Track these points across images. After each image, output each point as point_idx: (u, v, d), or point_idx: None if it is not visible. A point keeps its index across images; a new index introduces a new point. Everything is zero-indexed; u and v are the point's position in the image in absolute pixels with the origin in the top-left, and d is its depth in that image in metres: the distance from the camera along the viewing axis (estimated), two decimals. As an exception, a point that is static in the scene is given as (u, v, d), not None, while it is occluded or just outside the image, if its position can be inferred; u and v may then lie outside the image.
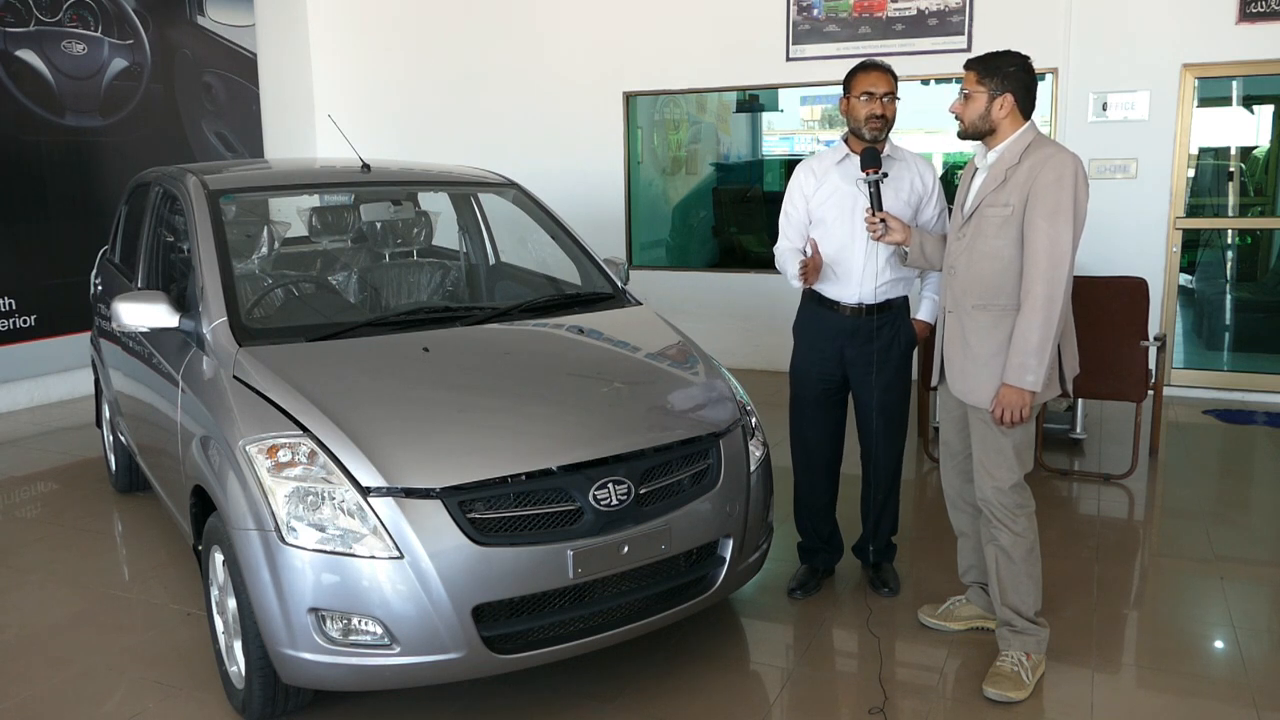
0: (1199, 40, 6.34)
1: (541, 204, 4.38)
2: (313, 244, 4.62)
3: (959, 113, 3.08)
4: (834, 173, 3.50)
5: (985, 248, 3.03)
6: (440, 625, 2.60)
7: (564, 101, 8.20)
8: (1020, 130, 3.02)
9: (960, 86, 3.08)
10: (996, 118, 3.01)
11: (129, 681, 3.21)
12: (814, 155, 3.62)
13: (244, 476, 2.73)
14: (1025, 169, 2.96)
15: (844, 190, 3.47)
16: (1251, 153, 7.59)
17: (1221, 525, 4.47)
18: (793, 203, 3.60)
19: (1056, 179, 2.89)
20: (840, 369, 3.58)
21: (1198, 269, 7.84)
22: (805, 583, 3.76)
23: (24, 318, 6.71)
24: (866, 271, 3.46)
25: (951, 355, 3.17)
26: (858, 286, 3.48)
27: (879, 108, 3.38)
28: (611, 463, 2.85)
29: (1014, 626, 3.14)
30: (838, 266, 3.49)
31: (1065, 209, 2.88)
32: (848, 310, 3.51)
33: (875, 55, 7.10)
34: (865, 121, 3.40)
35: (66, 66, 6.91)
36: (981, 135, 3.06)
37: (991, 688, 3.05)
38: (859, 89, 3.42)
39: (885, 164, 3.40)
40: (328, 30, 9.09)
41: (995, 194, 3.01)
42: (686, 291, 7.83)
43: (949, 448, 3.35)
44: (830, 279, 3.51)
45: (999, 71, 3.00)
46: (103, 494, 5.05)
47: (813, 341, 3.61)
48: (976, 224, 3.06)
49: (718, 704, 3.04)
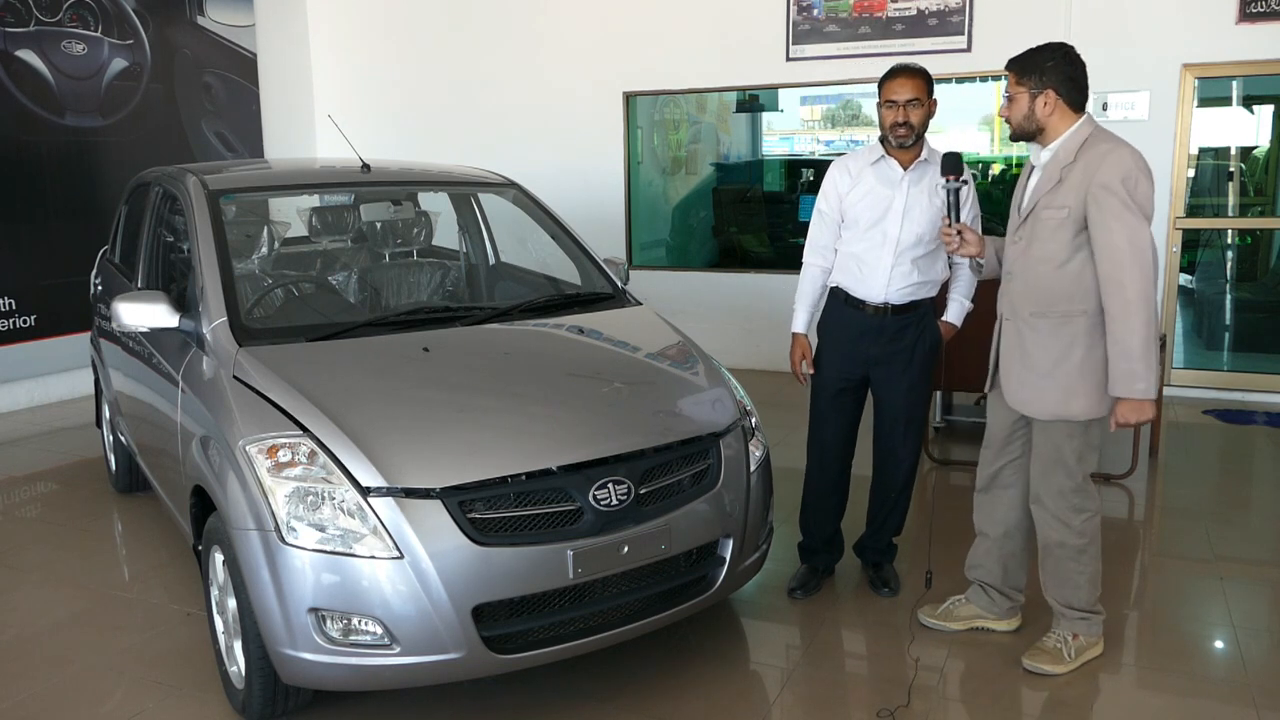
0: (1199, 40, 6.34)
1: (541, 204, 4.38)
2: (313, 244, 4.62)
3: (1003, 114, 2.98)
4: (869, 173, 3.46)
5: (1041, 251, 2.93)
6: (440, 625, 2.60)
7: (564, 101, 8.20)
8: (1074, 126, 2.89)
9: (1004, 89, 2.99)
10: (1042, 116, 2.90)
11: (129, 681, 3.21)
12: (849, 154, 3.59)
13: (244, 476, 2.73)
14: (1080, 168, 2.84)
15: (879, 192, 3.44)
16: (1251, 153, 7.59)
17: (1221, 525, 4.47)
18: (827, 201, 3.57)
19: (1118, 177, 2.78)
20: (862, 368, 3.57)
21: (1198, 269, 7.84)
22: (806, 582, 3.75)
23: (24, 318, 6.71)
24: (895, 273, 3.44)
25: (1008, 365, 3.08)
26: (885, 287, 3.46)
27: (901, 115, 3.33)
28: (611, 463, 2.85)
29: (1065, 614, 3.17)
30: (865, 267, 3.48)
31: (1134, 204, 2.77)
32: (873, 310, 3.49)
33: (875, 56, 7.22)
34: (890, 129, 3.37)
35: (66, 66, 6.91)
36: (1032, 136, 2.96)
37: (1029, 659, 3.11)
38: (883, 96, 3.39)
39: (920, 167, 3.39)
40: (328, 30, 9.09)
41: (1051, 195, 2.90)
42: (686, 291, 7.83)
43: (993, 447, 3.26)
44: (856, 276, 3.50)
45: (1036, 68, 2.88)
46: (103, 494, 5.05)
47: (837, 340, 3.60)
48: (1032, 227, 2.97)
49: (718, 704, 3.04)
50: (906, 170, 3.42)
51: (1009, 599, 3.39)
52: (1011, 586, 3.37)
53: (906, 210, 3.41)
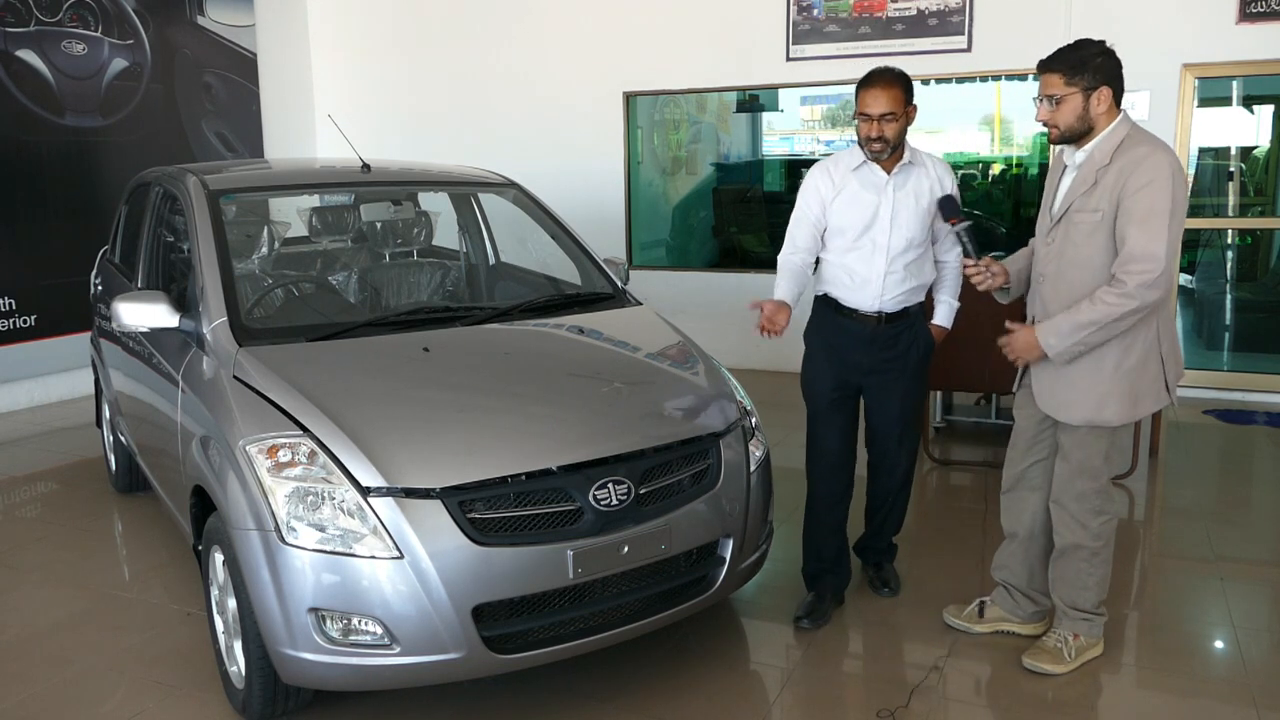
0: (1199, 40, 6.34)
1: (541, 204, 4.38)
2: (313, 244, 4.62)
3: (1049, 120, 2.86)
4: (852, 180, 3.35)
5: (1075, 255, 2.87)
6: (440, 625, 2.60)
7: (564, 101, 8.19)
8: (1113, 125, 2.83)
9: (1040, 92, 2.86)
10: (1096, 114, 2.81)
11: (129, 681, 3.21)
12: (830, 158, 3.46)
13: (244, 476, 2.73)
14: (1115, 171, 2.77)
15: (864, 199, 3.33)
16: (1251, 153, 7.59)
17: (1222, 525, 4.47)
18: (807, 204, 3.42)
19: (1150, 183, 2.72)
20: (856, 377, 3.47)
21: (1198, 269, 7.84)
22: (813, 610, 3.53)
23: (24, 317, 6.71)
24: (889, 280, 3.35)
25: (1040, 369, 3.02)
26: (877, 296, 3.37)
27: (875, 130, 3.21)
28: (611, 463, 2.84)
29: (1067, 614, 3.16)
30: (856, 276, 3.38)
31: (1161, 213, 2.71)
32: (865, 318, 3.40)
33: (875, 55, 7.22)
34: (865, 143, 3.28)
35: (66, 66, 6.91)
36: (1079, 138, 2.87)
37: (1029, 658, 3.11)
38: (858, 107, 3.27)
39: (904, 170, 3.31)
40: (328, 30, 9.09)
41: (1085, 198, 2.84)
42: (687, 291, 7.83)
43: (1019, 447, 3.22)
44: (847, 286, 3.41)
45: (1087, 64, 2.78)
46: (103, 494, 5.05)
47: (829, 349, 3.49)
48: (1065, 229, 2.91)
49: (718, 704, 3.04)
50: (890, 175, 3.32)
51: (1034, 603, 3.33)
52: (1037, 590, 3.31)
53: (894, 216, 3.31)
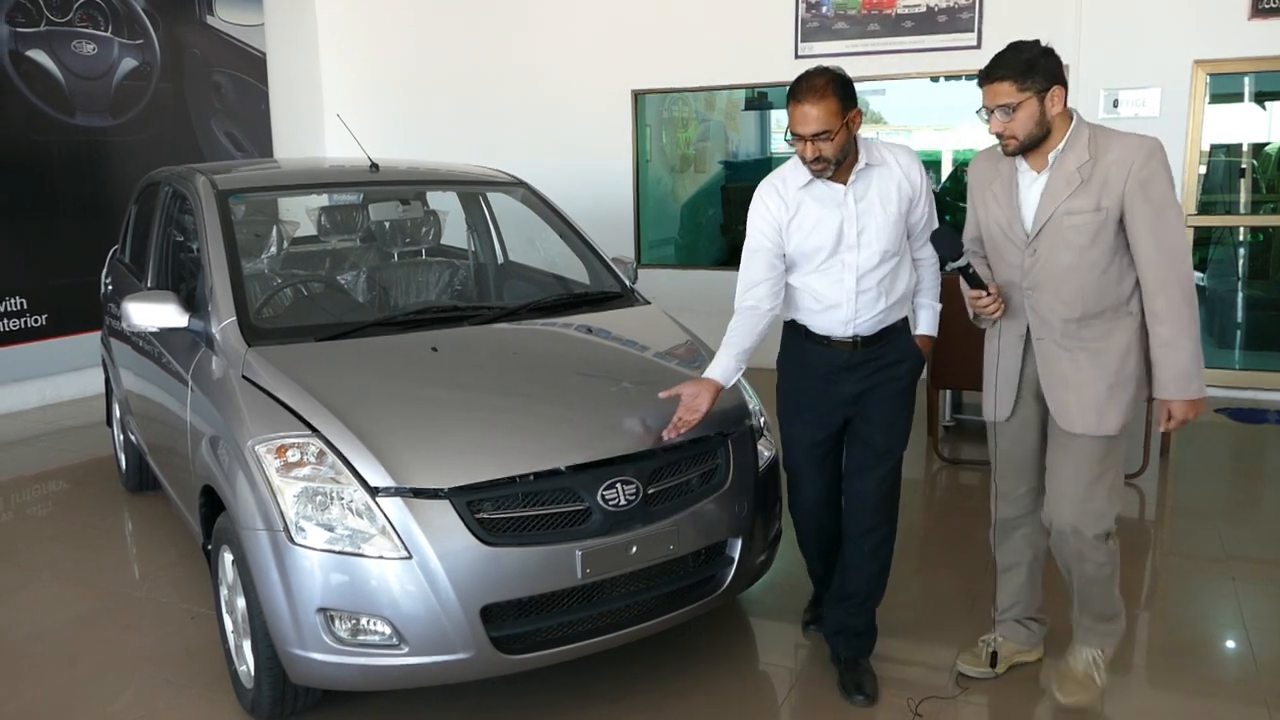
0: (1210, 36, 6.30)
1: (550, 203, 4.38)
2: (321, 243, 4.63)
3: (1003, 130, 2.70)
4: (806, 200, 2.92)
5: (1076, 259, 2.73)
6: (449, 625, 2.60)
7: (572, 100, 8.19)
8: (1074, 123, 2.73)
9: (987, 103, 2.71)
10: (1052, 116, 2.69)
11: (138, 680, 3.22)
12: (776, 174, 3.02)
13: (253, 476, 2.74)
14: (1106, 166, 2.68)
15: (823, 217, 2.90)
16: (1263, 149, 7.54)
17: (1233, 524, 4.45)
18: (762, 233, 2.95)
19: (1150, 172, 2.65)
20: (840, 412, 3.04)
21: (1209, 266, 7.80)
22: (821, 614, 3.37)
23: (35, 317, 6.74)
24: (861, 300, 2.93)
25: (1057, 389, 2.82)
26: (849, 320, 2.95)
27: (811, 151, 2.79)
28: (620, 463, 2.84)
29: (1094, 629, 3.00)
30: (822, 300, 2.96)
31: (1170, 199, 2.66)
32: (840, 345, 2.99)
33: (884, 53, 7.21)
34: (806, 163, 2.86)
35: (77, 66, 6.93)
36: (1039, 144, 2.73)
37: (1063, 696, 2.94)
38: (788, 124, 2.85)
39: (863, 176, 2.89)
40: (337, 30, 9.11)
41: (1074, 199, 2.71)
42: (695, 290, 7.80)
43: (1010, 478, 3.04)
44: (814, 311, 2.99)
45: (1035, 67, 2.66)
46: (113, 493, 5.07)
47: (805, 381, 3.07)
48: (1051, 236, 2.76)
49: (727, 704, 3.04)
50: (848, 185, 2.89)
51: (1040, 624, 3.23)
52: (1038, 610, 3.22)
53: (861, 232, 2.89)
